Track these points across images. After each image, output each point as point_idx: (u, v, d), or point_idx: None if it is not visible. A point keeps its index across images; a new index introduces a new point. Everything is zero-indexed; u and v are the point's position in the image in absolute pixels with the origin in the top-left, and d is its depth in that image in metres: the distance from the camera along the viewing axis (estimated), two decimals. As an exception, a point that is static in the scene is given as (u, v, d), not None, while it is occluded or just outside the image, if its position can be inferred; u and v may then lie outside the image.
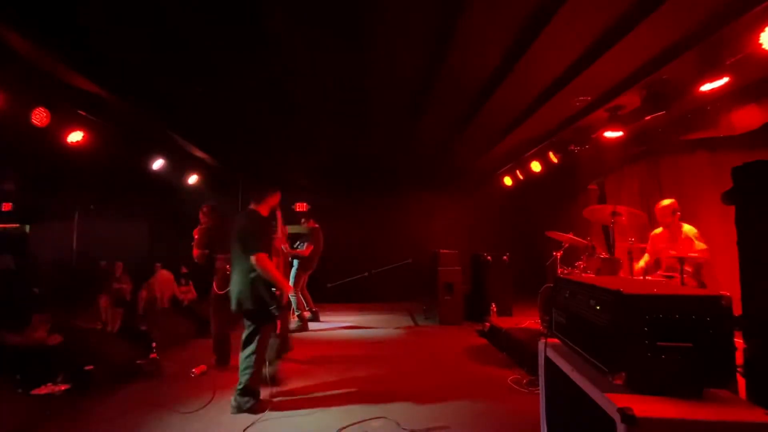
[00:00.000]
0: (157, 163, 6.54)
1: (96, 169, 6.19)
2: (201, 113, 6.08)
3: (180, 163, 7.30)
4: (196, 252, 4.58)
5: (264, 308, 3.30)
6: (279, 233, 4.66)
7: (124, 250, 7.03)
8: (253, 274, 3.28)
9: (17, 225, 7.16)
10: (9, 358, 3.64)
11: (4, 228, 7.09)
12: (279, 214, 4.67)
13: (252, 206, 3.51)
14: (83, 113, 4.95)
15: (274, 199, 3.61)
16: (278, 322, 3.87)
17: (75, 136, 4.84)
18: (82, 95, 4.72)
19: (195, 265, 4.62)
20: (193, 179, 7.80)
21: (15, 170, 6.68)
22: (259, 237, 3.31)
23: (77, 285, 5.85)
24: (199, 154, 7.57)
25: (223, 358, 4.48)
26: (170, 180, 7.43)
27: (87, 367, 3.74)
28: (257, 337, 3.32)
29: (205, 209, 4.78)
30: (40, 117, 4.24)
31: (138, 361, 4.23)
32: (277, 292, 3.34)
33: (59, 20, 3.67)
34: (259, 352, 3.33)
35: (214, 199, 8.52)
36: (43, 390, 3.46)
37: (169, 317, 5.96)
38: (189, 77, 4.85)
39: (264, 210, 3.53)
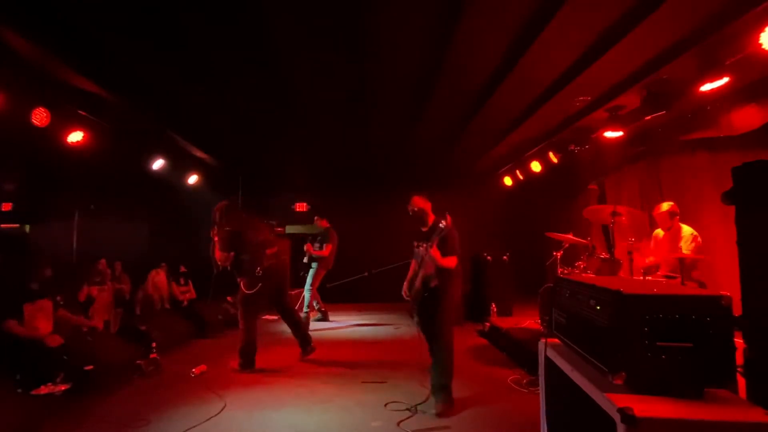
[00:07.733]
0: (157, 163, 6.53)
1: (96, 169, 6.18)
2: (201, 113, 6.08)
3: (180, 163, 7.28)
4: (219, 255, 4.28)
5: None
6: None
7: (124, 250, 7.02)
8: None
9: (17, 225, 7.15)
10: (9, 357, 3.63)
11: (4, 228, 7.09)
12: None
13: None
14: (83, 113, 4.94)
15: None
16: None
17: (75, 136, 4.83)
18: (82, 95, 4.72)
19: (194, 264, 4.56)
20: (193, 179, 7.79)
21: (15, 170, 6.67)
22: None
23: (76, 284, 5.83)
24: (199, 154, 7.57)
25: (250, 362, 4.39)
26: (170, 180, 7.42)
27: (87, 367, 3.72)
28: None
29: (222, 207, 4.47)
30: (40, 117, 4.22)
31: (138, 361, 4.22)
32: None
33: (59, 20, 3.66)
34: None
35: (213, 199, 8.55)
36: (43, 390, 3.44)
37: (169, 317, 5.95)
38: (189, 77, 4.85)
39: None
